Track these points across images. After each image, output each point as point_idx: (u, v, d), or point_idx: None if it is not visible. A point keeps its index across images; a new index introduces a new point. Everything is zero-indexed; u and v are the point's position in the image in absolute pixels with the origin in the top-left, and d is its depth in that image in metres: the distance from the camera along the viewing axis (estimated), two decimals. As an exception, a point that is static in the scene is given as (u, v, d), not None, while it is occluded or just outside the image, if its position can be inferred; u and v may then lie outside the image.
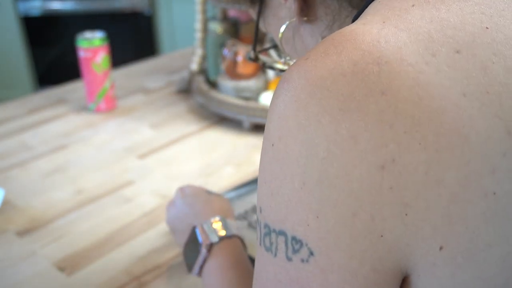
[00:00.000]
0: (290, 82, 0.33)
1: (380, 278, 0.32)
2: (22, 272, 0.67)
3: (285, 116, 0.32)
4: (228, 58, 1.06)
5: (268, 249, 0.34)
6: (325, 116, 0.31)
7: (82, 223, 0.76)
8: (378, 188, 0.30)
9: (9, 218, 0.78)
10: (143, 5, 2.79)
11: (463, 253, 0.31)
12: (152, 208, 0.79)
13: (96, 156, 0.95)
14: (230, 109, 1.02)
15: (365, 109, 0.30)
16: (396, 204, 0.30)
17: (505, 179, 0.30)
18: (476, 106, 0.30)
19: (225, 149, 0.97)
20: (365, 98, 0.30)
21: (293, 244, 0.33)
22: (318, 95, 0.31)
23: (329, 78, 0.31)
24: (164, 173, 0.89)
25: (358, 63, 0.31)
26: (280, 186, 0.33)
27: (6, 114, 1.13)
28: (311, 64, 0.32)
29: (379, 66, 0.30)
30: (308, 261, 0.32)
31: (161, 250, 0.70)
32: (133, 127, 1.06)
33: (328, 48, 0.32)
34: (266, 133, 0.35)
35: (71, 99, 1.19)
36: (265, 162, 0.35)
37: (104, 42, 1.08)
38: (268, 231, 0.34)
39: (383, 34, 0.32)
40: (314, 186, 0.31)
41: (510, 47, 0.31)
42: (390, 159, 0.30)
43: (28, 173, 0.90)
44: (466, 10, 0.33)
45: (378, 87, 0.30)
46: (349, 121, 0.30)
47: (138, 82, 1.28)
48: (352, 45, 0.32)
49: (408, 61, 0.30)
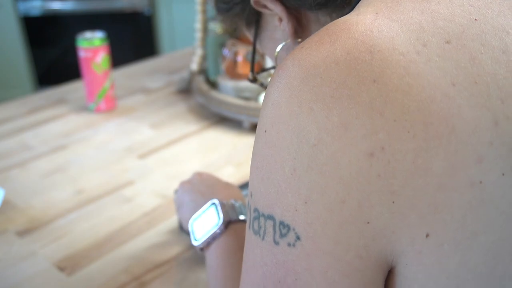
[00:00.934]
0: (284, 69, 0.33)
1: (364, 265, 0.32)
2: (22, 272, 0.67)
3: (278, 103, 0.33)
4: (228, 58, 1.06)
5: (257, 233, 0.35)
6: (317, 103, 0.31)
7: (82, 223, 0.76)
8: (366, 175, 0.30)
9: (9, 218, 0.78)
10: (143, 5, 2.79)
11: (449, 241, 0.31)
12: (152, 208, 0.79)
13: (96, 156, 0.95)
14: (230, 109, 1.02)
15: (357, 97, 0.30)
16: (384, 191, 0.30)
17: (492, 168, 0.30)
18: (465, 96, 0.30)
19: (225, 149, 0.97)
20: (357, 86, 0.30)
21: (281, 228, 0.33)
22: (311, 82, 0.32)
23: (322, 66, 0.32)
24: (164, 173, 0.89)
25: (351, 51, 0.31)
26: (271, 171, 0.33)
27: (6, 114, 1.13)
28: (306, 52, 0.33)
29: (372, 54, 0.31)
30: (295, 245, 0.33)
31: (161, 250, 0.70)
32: (133, 127, 1.06)
33: (323, 37, 0.33)
34: (259, 120, 0.35)
35: (71, 99, 1.19)
36: (257, 148, 0.35)
37: (104, 42, 1.08)
38: (257, 215, 0.35)
39: (376, 24, 0.32)
40: (304, 172, 0.32)
41: (498, 38, 0.32)
42: (379, 147, 0.30)
43: (28, 173, 0.90)
44: (455, 2, 0.33)
45: (370, 76, 0.30)
46: (341, 109, 0.30)
47: (138, 82, 1.28)
48: (346, 34, 0.32)
49: (399, 50, 0.31)
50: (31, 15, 2.75)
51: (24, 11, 2.73)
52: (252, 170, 0.36)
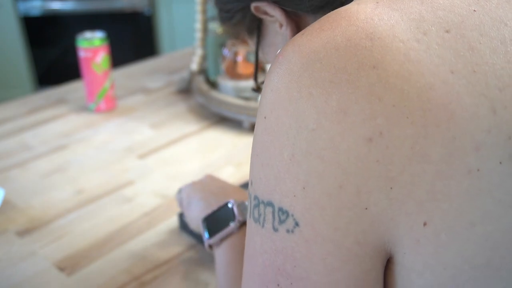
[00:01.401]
0: (284, 55, 0.34)
1: (362, 251, 0.32)
2: (22, 272, 0.67)
3: (277, 89, 0.33)
4: (228, 58, 1.06)
5: (257, 220, 0.35)
6: (316, 88, 0.31)
7: (82, 223, 0.76)
8: (365, 160, 0.30)
9: (9, 218, 0.78)
10: (143, 5, 2.79)
11: (447, 231, 0.31)
12: (152, 208, 0.79)
13: (96, 156, 0.95)
14: (230, 109, 1.02)
15: (356, 82, 0.30)
16: (382, 177, 0.31)
17: (489, 156, 0.30)
18: (463, 84, 0.30)
19: (225, 149, 0.97)
20: (357, 72, 0.31)
21: (280, 214, 0.33)
22: (310, 67, 0.32)
23: (322, 51, 0.32)
24: (164, 173, 0.89)
25: (351, 38, 0.31)
26: (270, 157, 0.33)
27: (6, 114, 1.13)
28: (306, 38, 0.33)
29: (372, 41, 0.31)
30: (293, 231, 0.33)
31: (161, 250, 0.70)
32: (133, 127, 1.06)
33: (324, 24, 0.33)
34: (259, 106, 0.35)
35: (71, 99, 1.19)
36: (257, 135, 0.35)
37: (104, 42, 1.08)
38: (257, 203, 0.35)
39: (376, 12, 0.33)
40: (302, 157, 0.32)
41: (496, 29, 0.32)
42: (378, 132, 0.30)
43: (28, 173, 0.90)
44: None
45: (370, 61, 0.31)
46: (340, 94, 0.31)
47: (138, 82, 1.28)
48: (346, 21, 0.32)
49: (400, 37, 0.31)
50: (31, 15, 2.75)
51: (24, 11, 2.73)
52: (252, 157, 0.36)
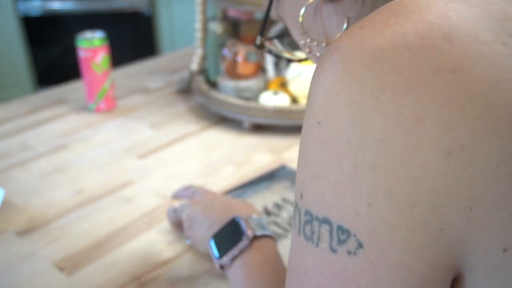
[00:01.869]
0: (341, 52, 0.29)
1: (436, 275, 0.29)
2: (22, 272, 0.67)
3: (334, 91, 0.29)
4: (228, 58, 1.06)
5: (309, 239, 0.31)
6: (384, 93, 0.28)
7: (82, 223, 0.76)
8: (443, 177, 0.27)
9: (9, 218, 0.78)
10: (143, 5, 2.79)
11: None
12: (152, 208, 0.79)
13: (96, 156, 0.95)
14: (230, 109, 1.02)
15: (433, 88, 0.27)
16: (462, 196, 0.27)
17: None
18: None
19: (225, 149, 0.97)
20: (433, 76, 0.27)
21: (339, 234, 0.30)
22: (377, 68, 0.28)
23: (390, 50, 0.28)
24: (164, 173, 0.89)
25: (425, 36, 0.28)
26: (326, 169, 0.30)
27: (6, 114, 1.13)
28: (368, 33, 0.29)
29: (450, 42, 0.27)
30: (356, 253, 0.29)
31: (161, 250, 0.70)
32: (133, 127, 1.06)
33: (388, 18, 0.29)
34: (309, 110, 0.31)
35: (71, 99, 1.19)
36: (308, 143, 0.31)
37: (104, 42, 1.08)
38: (309, 219, 0.31)
39: (451, 7, 0.29)
40: (367, 170, 0.28)
41: None
42: (459, 145, 0.27)
43: (28, 173, 0.90)
44: None
45: (449, 65, 0.27)
46: (414, 100, 0.27)
47: (138, 82, 1.28)
48: (417, 16, 0.29)
49: (482, 39, 0.28)
50: (31, 15, 2.75)
51: (24, 11, 2.73)
52: (302, 167, 0.32)
